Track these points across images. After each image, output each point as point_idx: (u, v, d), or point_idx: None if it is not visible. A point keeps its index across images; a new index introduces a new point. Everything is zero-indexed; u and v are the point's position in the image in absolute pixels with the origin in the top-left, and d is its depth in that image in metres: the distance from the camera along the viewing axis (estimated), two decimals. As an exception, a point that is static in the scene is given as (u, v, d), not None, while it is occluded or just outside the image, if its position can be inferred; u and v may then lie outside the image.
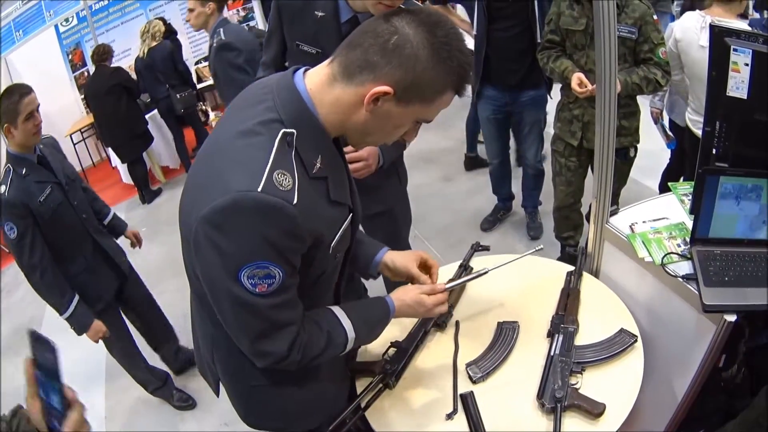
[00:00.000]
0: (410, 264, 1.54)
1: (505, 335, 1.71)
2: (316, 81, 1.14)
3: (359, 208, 1.38)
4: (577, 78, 2.67)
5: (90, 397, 3.10)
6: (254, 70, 2.74)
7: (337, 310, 1.35)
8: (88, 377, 3.33)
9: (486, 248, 2.08)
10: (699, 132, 2.58)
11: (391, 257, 1.57)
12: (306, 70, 1.18)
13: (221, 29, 3.02)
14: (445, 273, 1.97)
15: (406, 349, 1.68)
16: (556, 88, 3.31)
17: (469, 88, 1.18)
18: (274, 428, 1.50)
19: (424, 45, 1.04)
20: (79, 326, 2.54)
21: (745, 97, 1.67)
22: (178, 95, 5.63)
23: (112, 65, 5.38)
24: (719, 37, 1.69)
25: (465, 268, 1.99)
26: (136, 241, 3.06)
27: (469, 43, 3.17)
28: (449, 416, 1.51)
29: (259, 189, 1.03)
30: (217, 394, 1.54)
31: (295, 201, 1.06)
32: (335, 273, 1.39)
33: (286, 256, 1.11)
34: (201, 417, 3.01)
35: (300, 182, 1.09)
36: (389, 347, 1.69)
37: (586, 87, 2.63)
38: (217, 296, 1.16)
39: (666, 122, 3.42)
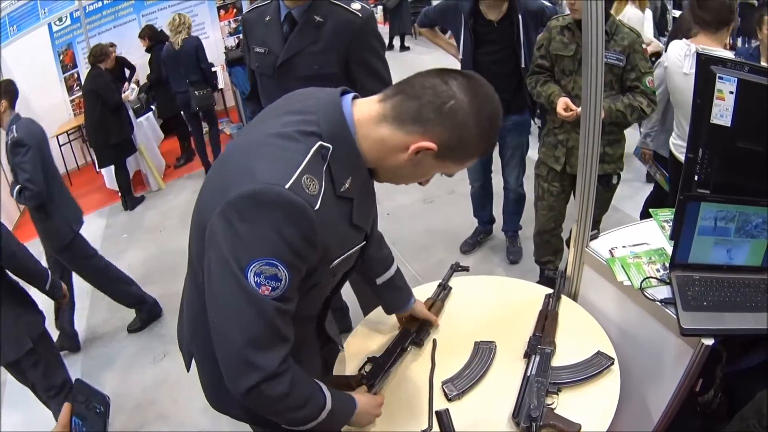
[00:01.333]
0: (426, 310, 1.84)
1: (482, 354, 1.71)
2: (365, 113, 1.18)
3: (373, 241, 1.44)
4: (563, 102, 2.69)
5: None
6: (44, 164, 3.15)
7: (317, 381, 1.33)
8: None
9: (465, 269, 2.08)
10: (682, 157, 2.60)
11: (417, 305, 1.82)
12: (355, 97, 1.22)
13: (14, 126, 3.16)
14: (424, 291, 1.97)
15: (383, 365, 1.67)
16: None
17: None
18: (238, 417, 1.50)
19: (473, 115, 1.13)
20: (59, 291, 2.71)
21: (728, 125, 1.69)
22: (196, 92, 5.64)
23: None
24: (705, 65, 1.71)
25: (444, 288, 1.99)
26: None
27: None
28: (424, 432, 1.49)
29: (287, 186, 1.06)
30: (188, 369, 1.55)
31: (317, 207, 1.09)
32: (328, 288, 1.41)
33: (296, 261, 1.11)
34: (175, 426, 2.97)
35: (325, 194, 1.12)
36: (366, 362, 1.69)
37: (571, 111, 2.65)
38: (218, 288, 1.12)
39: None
